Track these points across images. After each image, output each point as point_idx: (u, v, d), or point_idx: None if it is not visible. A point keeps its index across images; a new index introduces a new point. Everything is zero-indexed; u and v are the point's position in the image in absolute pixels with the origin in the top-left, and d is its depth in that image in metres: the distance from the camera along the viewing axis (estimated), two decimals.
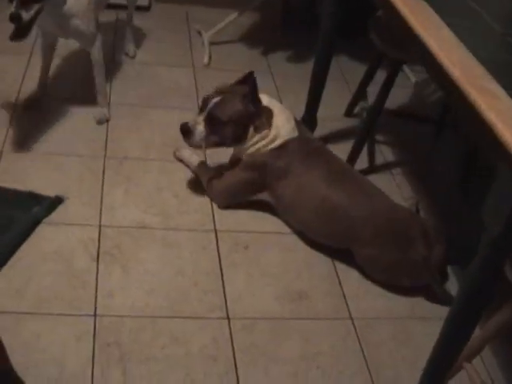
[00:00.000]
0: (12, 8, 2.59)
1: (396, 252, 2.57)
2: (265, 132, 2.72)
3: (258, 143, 2.74)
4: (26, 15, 2.60)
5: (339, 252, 2.71)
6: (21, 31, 2.67)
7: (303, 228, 2.77)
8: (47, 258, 2.48)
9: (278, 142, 2.74)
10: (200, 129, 2.69)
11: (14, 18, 2.58)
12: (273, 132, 2.73)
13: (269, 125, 2.73)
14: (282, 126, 2.75)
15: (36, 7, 2.65)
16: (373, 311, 2.51)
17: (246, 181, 2.80)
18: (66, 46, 3.19)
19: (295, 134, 2.77)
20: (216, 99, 2.70)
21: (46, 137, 3.09)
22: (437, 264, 2.58)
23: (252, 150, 2.76)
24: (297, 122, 2.83)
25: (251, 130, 2.72)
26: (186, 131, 2.71)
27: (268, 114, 2.75)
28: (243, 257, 2.66)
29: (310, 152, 2.76)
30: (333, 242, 2.72)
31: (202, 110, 2.75)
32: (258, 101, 2.72)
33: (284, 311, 2.45)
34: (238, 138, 2.74)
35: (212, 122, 2.69)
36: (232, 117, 2.68)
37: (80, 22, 2.95)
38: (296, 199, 2.72)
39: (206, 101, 2.74)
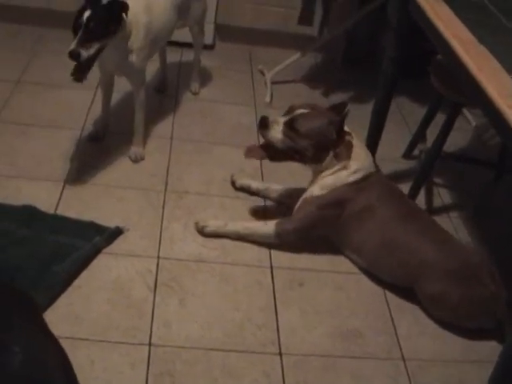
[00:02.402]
0: (72, 45, 2.67)
1: (465, 289, 2.56)
2: (345, 162, 2.75)
3: (338, 173, 2.76)
4: (84, 53, 2.68)
5: (393, 291, 2.72)
6: (81, 69, 2.75)
7: (370, 265, 2.78)
8: (106, 287, 2.54)
9: (359, 175, 2.76)
10: (277, 128, 2.73)
11: (73, 56, 2.67)
12: (354, 163, 2.75)
13: (348, 156, 2.75)
14: (364, 160, 2.78)
15: (97, 46, 2.73)
16: (425, 352, 2.50)
17: (323, 218, 2.80)
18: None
19: (374, 169, 2.81)
20: (303, 110, 2.75)
21: (108, 169, 3.17)
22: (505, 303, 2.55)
23: (330, 179, 2.77)
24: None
25: (330, 155, 2.74)
26: (264, 125, 2.75)
27: (348, 145, 2.77)
28: (298, 294, 2.67)
29: (386, 188, 2.81)
30: (399, 279, 2.73)
31: (285, 114, 2.80)
32: (343, 131, 2.74)
33: (336, 349, 2.45)
34: (311, 157, 2.76)
35: (291, 128, 2.72)
36: (311, 133, 2.70)
37: (135, 59, 3.03)
38: (368, 235, 2.74)
39: (292, 108, 2.79)
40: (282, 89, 4.15)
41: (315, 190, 2.80)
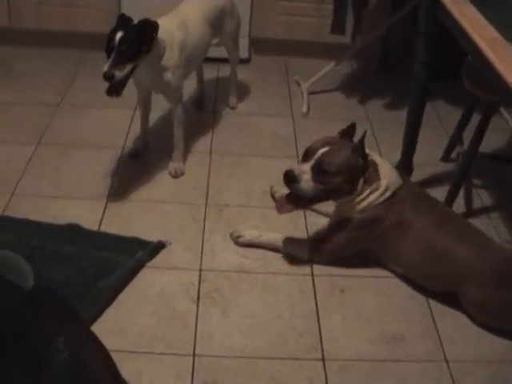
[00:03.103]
0: (105, 67, 2.74)
1: (506, 292, 2.54)
2: (375, 184, 2.71)
3: (371, 196, 2.72)
4: (118, 74, 2.75)
5: (435, 295, 2.71)
6: (115, 88, 2.83)
7: (410, 274, 2.78)
8: (149, 300, 2.59)
9: (389, 192, 2.73)
10: (306, 177, 2.62)
11: (107, 78, 2.75)
12: (384, 183, 2.72)
13: (377, 177, 2.72)
14: (391, 176, 2.76)
15: (130, 66, 2.80)
16: (468, 354, 2.49)
17: (357, 238, 2.79)
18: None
19: (400, 181, 2.79)
20: (324, 149, 2.64)
21: (148, 185, 3.24)
22: None
23: (364, 203, 2.73)
24: (397, 170, 2.87)
25: (361, 182, 2.69)
26: (291, 178, 2.63)
27: (373, 165, 2.73)
28: (339, 300, 2.69)
29: (416, 198, 2.79)
30: (440, 286, 2.71)
31: (305, 159, 2.68)
32: (366, 154, 2.69)
33: (379, 353, 2.46)
34: (347, 191, 2.69)
35: (319, 171, 2.61)
36: (341, 169, 2.62)
37: (171, 77, 3.09)
38: (404, 246, 2.73)
39: (310, 150, 2.68)
40: (319, 98, 4.19)
41: (347, 213, 2.77)
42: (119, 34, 2.77)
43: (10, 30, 4.40)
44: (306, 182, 2.62)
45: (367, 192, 2.72)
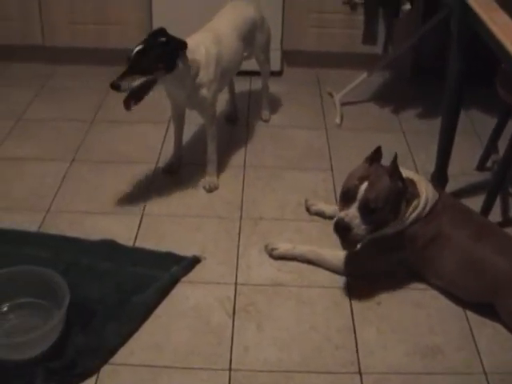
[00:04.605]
0: (116, 77, 2.79)
1: None
2: (416, 201, 2.69)
3: (412, 215, 2.70)
4: (125, 85, 2.79)
5: (473, 307, 2.68)
6: (128, 99, 2.88)
7: (450, 287, 2.75)
8: (185, 315, 2.60)
9: (428, 208, 2.71)
10: (357, 221, 2.55)
11: (113, 86, 2.80)
12: (423, 199, 2.70)
13: (416, 194, 2.70)
14: (428, 191, 2.74)
15: (141, 80, 2.82)
16: (507, 366, 2.44)
17: (397, 255, 2.78)
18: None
19: (437, 195, 2.77)
20: (364, 186, 2.56)
21: (183, 199, 3.25)
22: None
23: (406, 222, 2.71)
24: (432, 183, 2.84)
25: (404, 203, 2.66)
26: (344, 228, 2.57)
27: (411, 183, 2.71)
28: (376, 313, 2.67)
29: (452, 210, 2.77)
30: (478, 297, 2.68)
31: (346, 201, 2.60)
32: (402, 175, 2.64)
33: (416, 366, 2.43)
34: (393, 218, 2.65)
35: (367, 211, 2.55)
36: (387, 199, 2.56)
37: (206, 93, 3.11)
38: (443, 259, 2.70)
39: (349, 191, 2.59)
40: (352, 109, 4.18)
41: (387, 230, 2.72)
42: (138, 47, 2.83)
43: (44, 48, 4.46)
44: (358, 226, 2.56)
45: (410, 211, 2.70)
